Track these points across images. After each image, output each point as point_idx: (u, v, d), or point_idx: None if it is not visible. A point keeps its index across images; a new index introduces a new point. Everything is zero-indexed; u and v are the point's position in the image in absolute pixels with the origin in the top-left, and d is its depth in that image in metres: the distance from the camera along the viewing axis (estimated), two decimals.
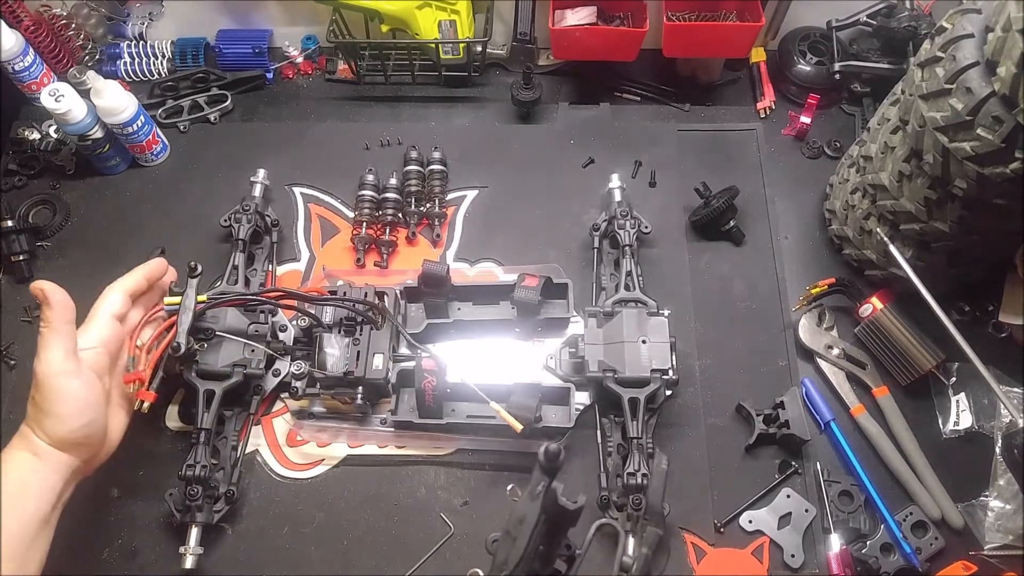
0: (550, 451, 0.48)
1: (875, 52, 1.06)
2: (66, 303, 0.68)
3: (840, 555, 0.80)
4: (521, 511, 0.50)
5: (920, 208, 0.79)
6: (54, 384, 0.66)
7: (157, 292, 0.82)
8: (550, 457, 0.48)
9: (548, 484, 0.49)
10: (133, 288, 0.77)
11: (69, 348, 0.68)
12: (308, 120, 1.11)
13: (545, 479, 0.49)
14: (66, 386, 0.66)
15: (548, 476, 0.49)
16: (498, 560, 0.50)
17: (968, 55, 0.67)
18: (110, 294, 0.76)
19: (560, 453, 0.48)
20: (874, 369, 0.90)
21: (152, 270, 0.80)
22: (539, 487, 0.50)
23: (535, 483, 0.50)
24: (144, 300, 0.80)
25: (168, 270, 0.83)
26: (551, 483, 0.49)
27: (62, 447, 0.67)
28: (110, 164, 1.03)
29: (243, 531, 0.82)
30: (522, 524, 0.50)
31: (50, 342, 0.66)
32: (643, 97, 1.12)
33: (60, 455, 0.67)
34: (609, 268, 0.94)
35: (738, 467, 0.85)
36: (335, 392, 0.83)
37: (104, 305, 0.75)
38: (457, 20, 1.05)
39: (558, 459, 0.48)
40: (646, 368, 0.81)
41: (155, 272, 0.81)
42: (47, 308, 0.67)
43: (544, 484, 0.49)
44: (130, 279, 0.78)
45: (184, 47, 1.13)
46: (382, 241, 0.97)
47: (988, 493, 0.83)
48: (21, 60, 1.01)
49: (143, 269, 0.79)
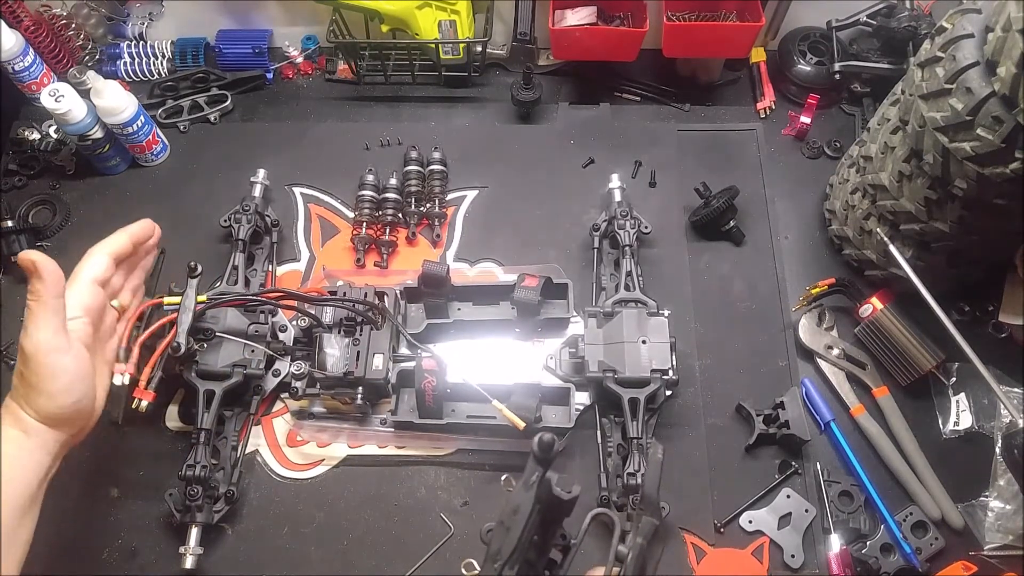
0: (544, 441, 0.48)
1: (875, 52, 1.06)
2: (57, 275, 0.65)
3: (840, 555, 0.80)
4: (515, 501, 0.50)
5: (920, 208, 0.79)
6: (45, 361, 0.63)
7: (141, 255, 0.78)
8: (544, 447, 0.48)
9: (542, 474, 0.49)
10: (117, 251, 0.73)
11: (59, 323, 0.64)
12: (308, 120, 1.11)
13: (539, 469, 0.49)
14: (57, 363, 0.64)
15: (542, 466, 0.49)
16: (492, 550, 0.50)
17: (968, 55, 0.67)
18: (92, 256, 0.72)
19: (554, 443, 0.48)
20: (874, 369, 0.90)
21: (137, 233, 0.76)
22: (533, 477, 0.50)
23: (529, 473, 0.50)
24: (127, 264, 0.76)
25: (155, 231, 0.78)
26: (545, 473, 0.49)
27: (51, 423, 0.65)
28: (110, 164, 1.03)
29: (243, 531, 0.82)
30: (516, 514, 0.50)
31: (39, 317, 0.63)
32: (643, 97, 1.12)
33: (49, 431, 0.65)
34: (609, 268, 0.94)
35: (738, 467, 0.85)
36: (335, 392, 0.83)
37: (86, 269, 0.71)
38: (457, 20, 1.05)
39: (552, 449, 0.48)
40: (646, 368, 0.81)
41: (140, 234, 0.76)
42: (37, 280, 0.64)
43: (538, 474, 0.49)
44: (114, 240, 0.73)
45: (184, 47, 1.13)
46: (382, 241, 0.97)
47: (988, 493, 0.83)
48: (21, 60, 1.01)
49: (127, 230, 0.75)
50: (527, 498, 0.50)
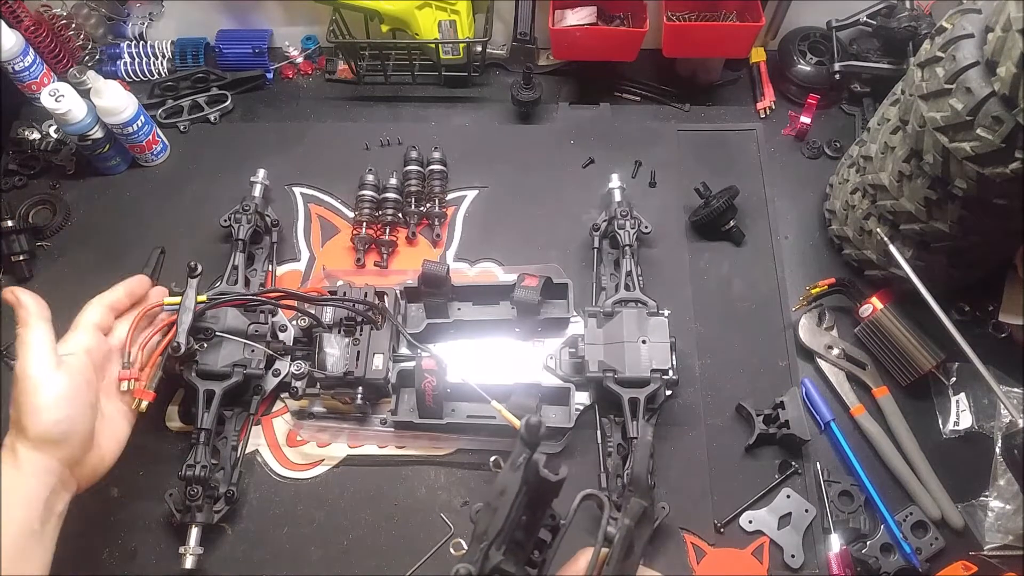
0: (531, 423, 0.49)
1: (875, 52, 1.06)
2: (40, 302, 0.68)
3: (840, 555, 0.80)
4: (503, 482, 0.50)
5: (920, 208, 0.79)
6: (31, 375, 0.64)
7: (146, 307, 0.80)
8: (531, 430, 0.49)
9: (529, 456, 0.50)
10: (113, 302, 0.76)
11: (45, 343, 0.66)
12: (308, 120, 1.11)
13: (526, 451, 0.49)
14: (43, 378, 0.65)
15: (529, 448, 0.49)
16: (479, 530, 0.50)
17: (968, 55, 0.67)
18: (90, 306, 0.75)
19: (540, 426, 0.49)
20: (874, 369, 0.90)
21: (133, 286, 0.79)
22: (520, 459, 0.50)
23: (516, 455, 0.50)
24: (127, 317, 0.78)
25: (151, 289, 0.81)
26: (532, 455, 0.50)
27: (39, 445, 0.64)
28: (110, 164, 1.03)
29: (243, 531, 0.82)
30: (503, 495, 0.50)
31: (27, 340, 0.66)
32: (643, 97, 1.12)
33: (39, 457, 0.64)
34: (609, 268, 0.94)
35: (738, 467, 0.85)
36: (335, 392, 0.83)
37: (85, 316, 0.74)
38: (457, 20, 1.05)
39: (539, 431, 0.49)
40: (646, 368, 0.81)
41: (136, 288, 0.79)
42: (19, 308, 0.67)
43: (525, 456, 0.50)
44: (110, 294, 0.76)
45: (184, 47, 1.13)
46: (382, 241, 0.97)
47: (988, 493, 0.83)
48: (21, 60, 1.01)
49: (124, 285, 0.78)
50: (514, 479, 0.50)
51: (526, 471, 0.50)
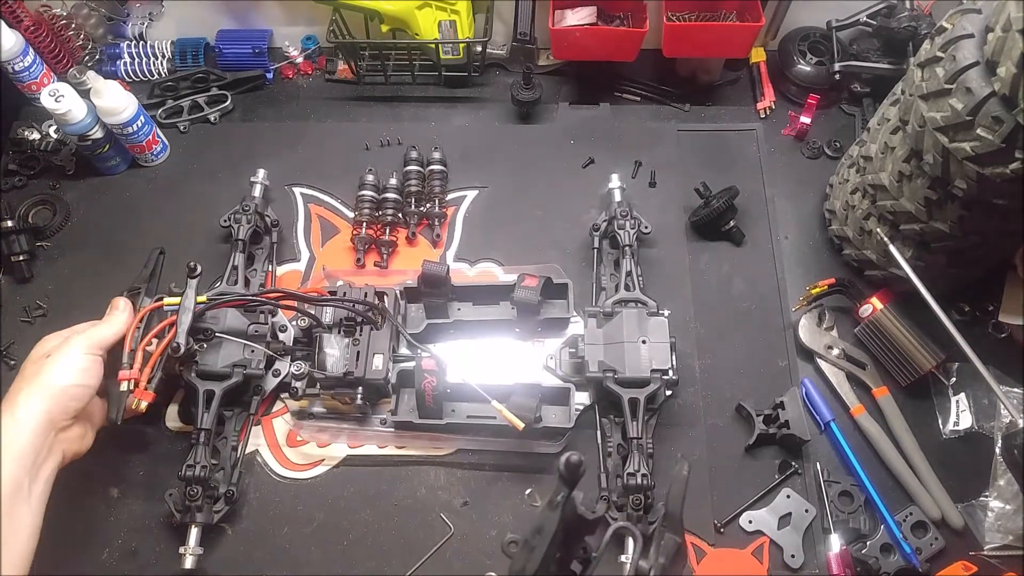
0: (571, 462, 0.48)
1: (875, 52, 1.06)
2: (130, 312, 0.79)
3: (840, 555, 0.80)
4: (540, 520, 0.51)
5: (920, 208, 0.79)
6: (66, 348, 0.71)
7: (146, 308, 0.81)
8: (571, 468, 0.48)
9: (568, 494, 0.49)
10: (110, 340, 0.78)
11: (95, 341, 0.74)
12: (308, 120, 1.11)
13: (565, 489, 0.49)
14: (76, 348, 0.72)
15: (568, 486, 0.49)
16: (515, 567, 0.51)
17: (968, 55, 0.67)
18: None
19: (581, 464, 0.48)
20: (874, 369, 0.90)
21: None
22: (559, 497, 0.50)
23: (555, 493, 0.50)
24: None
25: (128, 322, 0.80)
26: (571, 493, 0.49)
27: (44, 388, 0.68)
28: (110, 164, 1.03)
29: (243, 531, 0.82)
30: (540, 534, 0.50)
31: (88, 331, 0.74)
32: (643, 97, 1.12)
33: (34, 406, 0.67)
34: (609, 268, 0.94)
35: (738, 467, 0.85)
36: (335, 392, 0.83)
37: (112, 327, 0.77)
38: (457, 20, 1.05)
39: (579, 469, 0.48)
40: (646, 368, 0.81)
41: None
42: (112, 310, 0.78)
43: (564, 494, 0.49)
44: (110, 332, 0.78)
45: (184, 47, 1.13)
46: (382, 241, 0.97)
47: (988, 493, 0.83)
48: (21, 60, 1.01)
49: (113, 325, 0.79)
50: (551, 518, 0.50)
51: (564, 509, 0.50)
